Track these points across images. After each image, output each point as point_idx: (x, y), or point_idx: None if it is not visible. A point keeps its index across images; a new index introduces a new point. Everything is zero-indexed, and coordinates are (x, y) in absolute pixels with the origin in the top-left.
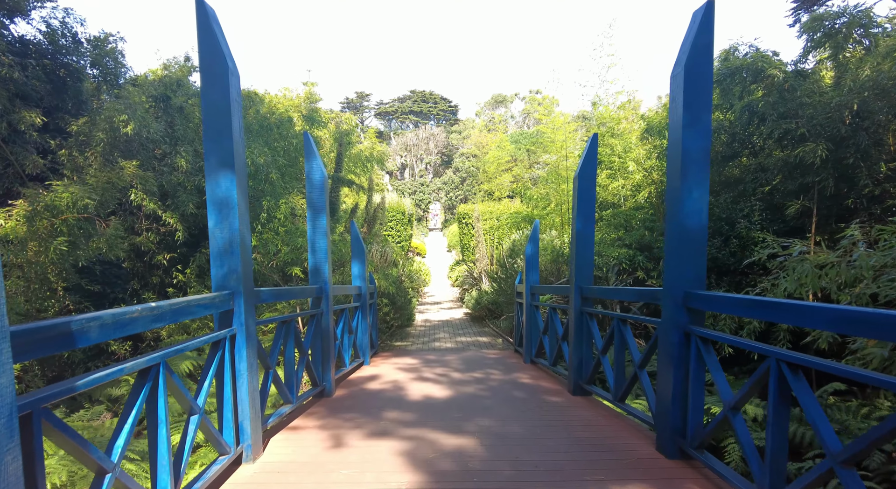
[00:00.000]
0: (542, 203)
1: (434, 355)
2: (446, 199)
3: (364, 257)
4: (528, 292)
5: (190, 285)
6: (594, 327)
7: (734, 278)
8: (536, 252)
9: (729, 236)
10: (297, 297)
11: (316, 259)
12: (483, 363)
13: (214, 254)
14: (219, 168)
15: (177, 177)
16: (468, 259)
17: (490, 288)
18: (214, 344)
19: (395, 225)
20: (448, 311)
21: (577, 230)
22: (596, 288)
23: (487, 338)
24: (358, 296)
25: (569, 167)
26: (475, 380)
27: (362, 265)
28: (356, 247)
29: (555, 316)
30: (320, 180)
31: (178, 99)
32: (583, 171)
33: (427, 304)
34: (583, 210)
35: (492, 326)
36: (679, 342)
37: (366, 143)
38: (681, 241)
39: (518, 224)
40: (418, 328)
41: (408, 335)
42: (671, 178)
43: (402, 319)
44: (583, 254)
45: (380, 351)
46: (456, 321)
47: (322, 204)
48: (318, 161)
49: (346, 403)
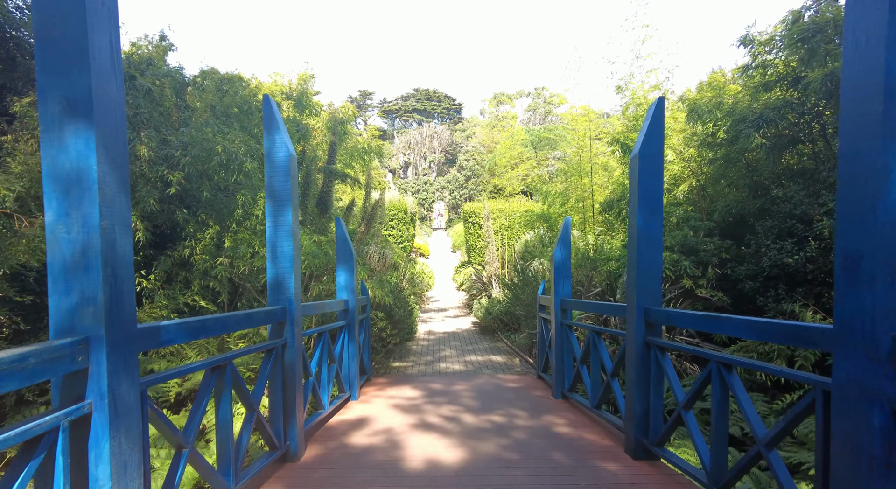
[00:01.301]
0: (560, 199)
1: (440, 382)
2: (450, 197)
3: (353, 262)
4: (557, 307)
5: (155, 292)
6: (668, 366)
7: (812, 288)
8: (568, 257)
9: (804, 237)
10: (234, 329)
11: (278, 269)
12: (502, 397)
13: (54, 272)
14: (63, 115)
15: (139, 167)
16: (475, 261)
17: (502, 295)
18: (29, 444)
19: (396, 224)
20: (454, 321)
21: (639, 229)
22: (673, 311)
23: (502, 356)
24: (344, 313)
25: (593, 158)
26: (495, 427)
27: (350, 273)
28: (343, 251)
29: (599, 342)
30: (284, 160)
31: (146, 80)
32: (645, 149)
33: (431, 311)
34: (646, 202)
35: (506, 341)
36: None
37: (364, 135)
38: None
39: (533, 223)
40: (421, 342)
41: (408, 352)
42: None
43: (401, 335)
44: (647, 262)
45: (374, 375)
46: (464, 333)
47: (286, 192)
48: (283, 135)
49: (315, 477)
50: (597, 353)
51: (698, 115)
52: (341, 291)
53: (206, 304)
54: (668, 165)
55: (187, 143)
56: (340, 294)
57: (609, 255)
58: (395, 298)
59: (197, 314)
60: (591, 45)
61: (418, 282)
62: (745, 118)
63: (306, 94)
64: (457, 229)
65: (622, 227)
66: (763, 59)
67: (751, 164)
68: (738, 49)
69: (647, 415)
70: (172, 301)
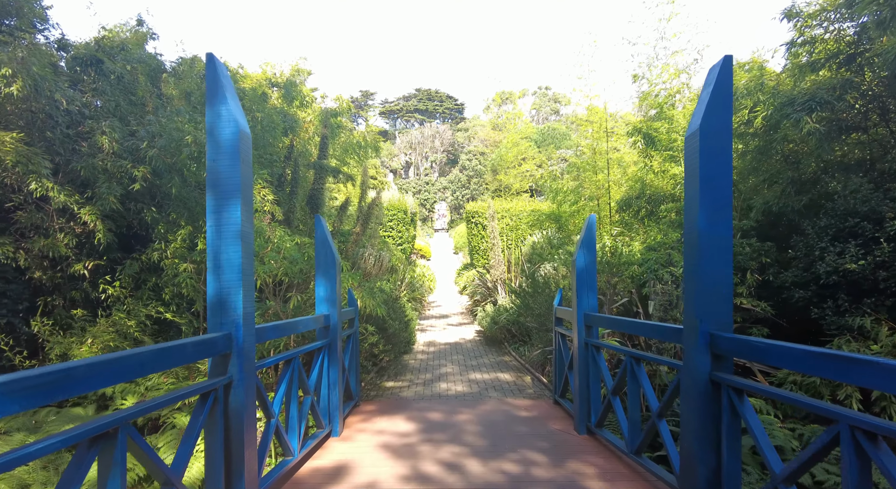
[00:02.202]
0: (572, 197)
1: (440, 410)
2: (452, 198)
3: (336, 269)
4: (580, 323)
5: (122, 301)
6: (751, 417)
7: (883, 299)
8: (593, 263)
9: (873, 239)
10: (129, 377)
11: (221, 283)
12: (514, 430)
13: None
14: None
15: (102, 161)
16: (478, 263)
17: (509, 302)
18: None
19: (395, 225)
20: (457, 329)
21: (700, 230)
22: (758, 342)
23: (510, 374)
24: (324, 331)
25: (610, 151)
26: (509, 481)
27: (333, 281)
28: (324, 255)
29: (639, 371)
30: (232, 139)
31: (117, 65)
32: (708, 124)
33: (432, 318)
34: (710, 194)
35: (514, 355)
36: None
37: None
38: None
39: (541, 223)
40: (419, 356)
41: (404, 369)
42: None
43: (397, 350)
44: (713, 274)
45: (363, 400)
46: (467, 344)
47: (234, 181)
48: (232, 106)
49: None
50: (635, 384)
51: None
52: (321, 304)
53: (173, 316)
54: None
55: (155, 134)
56: (319, 307)
57: (629, 259)
58: (389, 308)
59: (164, 328)
60: (607, 30)
61: (418, 287)
62: (794, 100)
63: (296, 84)
64: (459, 230)
65: (641, 227)
66: (811, 35)
67: (790, 155)
68: (781, 23)
69: (716, 478)
70: (135, 313)
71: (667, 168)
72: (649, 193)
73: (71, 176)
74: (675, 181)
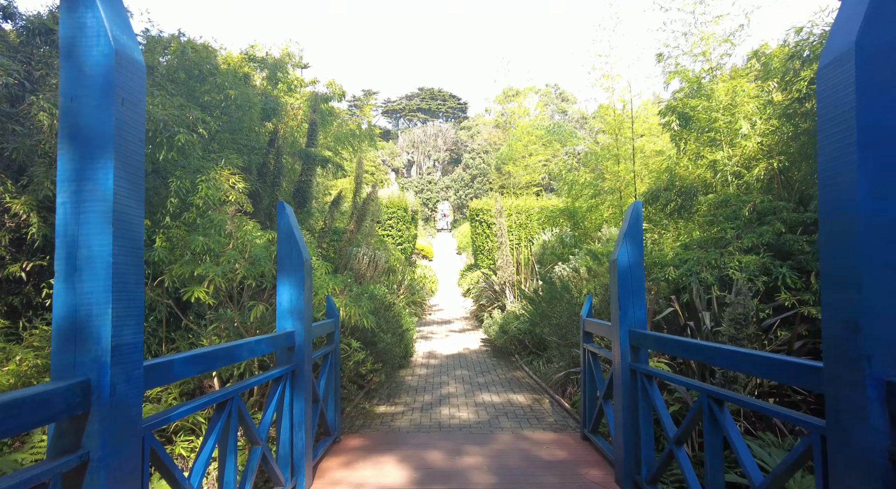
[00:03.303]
0: (589, 191)
1: (442, 448)
2: (455, 197)
3: (304, 271)
4: (624, 342)
5: None
6: None
7: None
8: (640, 262)
9: None
10: None
11: (77, 295)
12: (539, 483)
13: None
14: None
15: (36, 141)
16: (483, 264)
17: (521, 308)
18: None
19: (395, 223)
20: (460, 337)
21: (860, 207)
22: None
23: (525, 395)
24: (286, 354)
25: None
26: None
27: (298, 288)
28: (287, 254)
29: (724, 419)
30: (102, 64)
31: None
32: (871, 40)
33: (433, 323)
34: (875, 153)
35: (527, 370)
36: None
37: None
38: None
39: (555, 219)
40: (418, 369)
41: (400, 388)
42: None
43: (389, 367)
44: (882, 278)
45: (347, 430)
46: (472, 356)
47: (105, 132)
48: (106, 13)
49: None
50: (716, 436)
51: (776, 75)
52: (283, 318)
53: None
54: (738, 143)
55: None
56: (282, 322)
57: (660, 260)
58: (381, 317)
59: None
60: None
61: (418, 289)
62: None
63: (281, 66)
64: (462, 230)
65: (672, 224)
66: None
67: None
68: None
69: None
70: None
71: (704, 153)
72: (679, 185)
73: (6, 162)
74: (715, 169)
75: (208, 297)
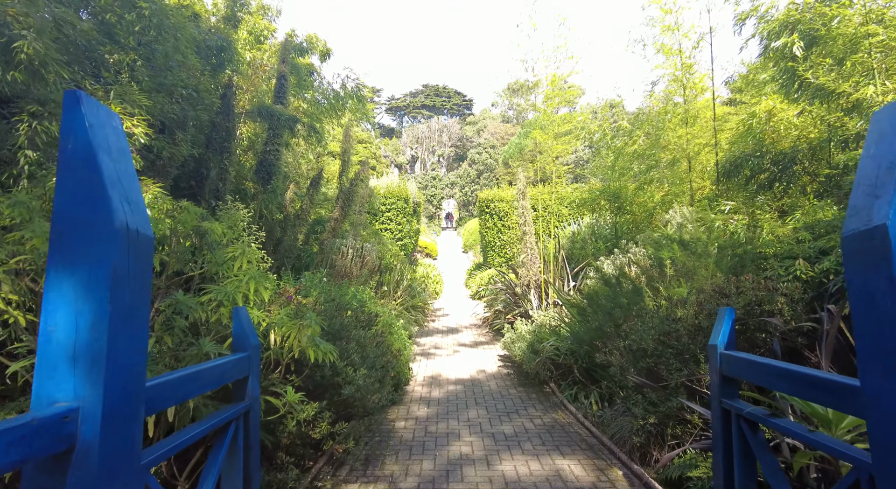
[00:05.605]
0: (639, 166)
1: None
2: (461, 194)
3: (118, 255)
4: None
5: None
6: None
7: None
8: None
9: None
10: None
11: None
12: None
13: None
14: None
15: None
16: (493, 262)
17: (557, 318)
18: None
19: (395, 216)
20: (472, 353)
21: None
22: None
23: (576, 457)
24: (46, 473)
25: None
26: None
27: (99, 291)
28: (74, 211)
29: None
30: None
31: None
32: None
33: (437, 333)
34: None
35: (571, 409)
36: None
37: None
38: None
39: (595, 203)
40: (415, 407)
41: (386, 442)
42: None
43: (363, 427)
44: None
45: None
46: (491, 383)
47: None
48: None
49: None
50: None
51: None
52: (49, 371)
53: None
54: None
55: None
56: (43, 383)
57: (775, 249)
58: (353, 341)
59: None
60: None
61: (420, 292)
62: None
63: (246, 3)
64: (468, 227)
65: (768, 202)
66: None
67: None
68: None
69: None
70: None
71: (843, 89)
72: (773, 150)
73: None
74: (860, 111)
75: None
